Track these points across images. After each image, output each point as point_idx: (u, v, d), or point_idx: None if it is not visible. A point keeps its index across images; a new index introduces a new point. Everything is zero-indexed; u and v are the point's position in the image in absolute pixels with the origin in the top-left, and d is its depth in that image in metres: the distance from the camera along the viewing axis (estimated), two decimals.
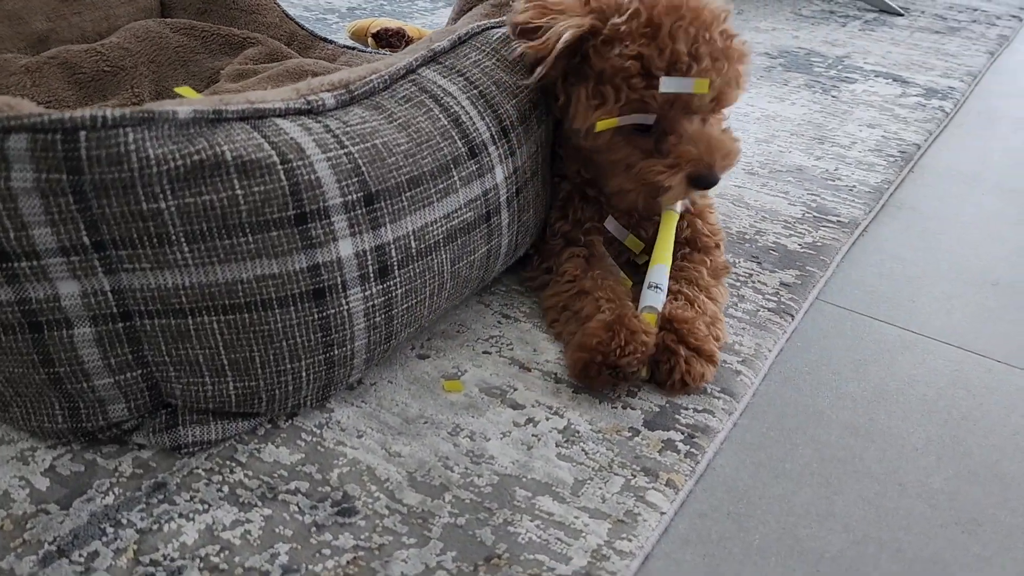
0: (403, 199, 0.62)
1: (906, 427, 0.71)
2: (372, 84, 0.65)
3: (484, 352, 0.75)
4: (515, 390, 0.71)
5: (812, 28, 1.91)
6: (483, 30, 0.77)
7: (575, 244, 0.82)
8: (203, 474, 0.61)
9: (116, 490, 0.59)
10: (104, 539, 0.55)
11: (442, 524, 0.58)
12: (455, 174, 0.66)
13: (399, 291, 0.64)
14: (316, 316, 0.59)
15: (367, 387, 0.70)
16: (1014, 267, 0.97)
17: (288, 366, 0.60)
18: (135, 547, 0.55)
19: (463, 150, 0.67)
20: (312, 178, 0.57)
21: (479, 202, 0.69)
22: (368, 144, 0.61)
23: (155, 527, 0.56)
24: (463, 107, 0.69)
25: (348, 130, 0.61)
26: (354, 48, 1.32)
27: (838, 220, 1.02)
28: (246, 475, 0.61)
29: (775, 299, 0.85)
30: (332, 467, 0.62)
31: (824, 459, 0.67)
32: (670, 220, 0.78)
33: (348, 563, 0.55)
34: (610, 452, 0.65)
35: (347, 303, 0.60)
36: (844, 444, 0.69)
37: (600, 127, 0.73)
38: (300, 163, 0.57)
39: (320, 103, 0.62)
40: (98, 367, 0.57)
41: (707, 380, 0.71)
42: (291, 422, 0.66)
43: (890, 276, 0.94)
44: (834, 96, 1.46)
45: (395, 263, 0.62)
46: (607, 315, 0.71)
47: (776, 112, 1.37)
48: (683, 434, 0.67)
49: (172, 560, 0.54)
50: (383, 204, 0.61)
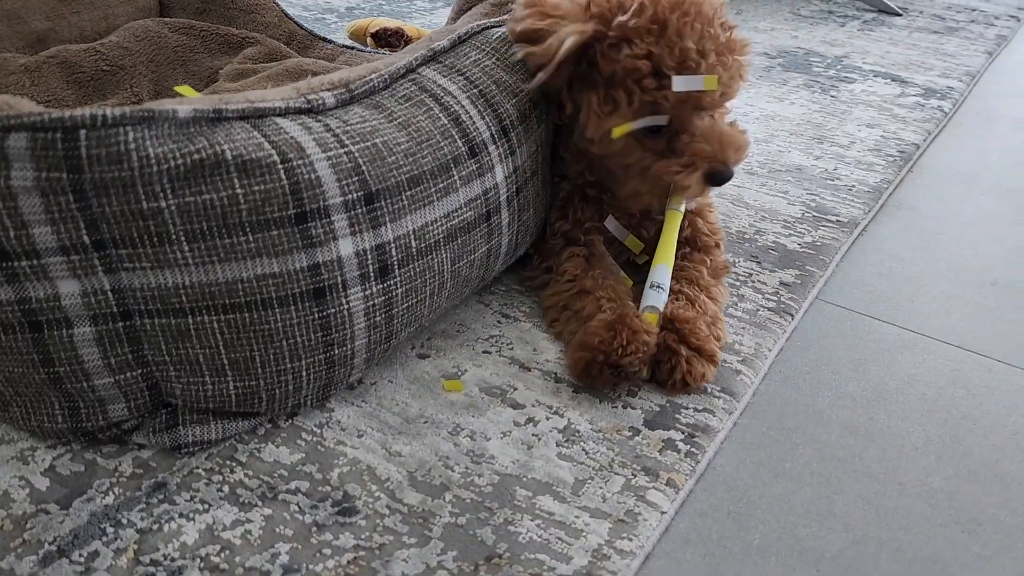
0: (403, 198, 0.62)
1: (906, 426, 0.71)
2: (372, 83, 0.65)
3: (484, 352, 0.75)
4: (515, 390, 0.71)
5: (811, 28, 1.91)
6: (483, 29, 0.77)
7: (575, 244, 0.82)
8: (203, 474, 0.61)
9: (116, 490, 0.59)
10: (104, 539, 0.55)
11: (443, 524, 0.58)
12: (455, 173, 0.66)
13: (399, 290, 0.64)
14: (316, 315, 0.59)
15: (367, 387, 0.70)
16: (1013, 267, 0.97)
17: (288, 365, 0.60)
18: (135, 547, 0.55)
19: (463, 149, 0.67)
20: (312, 177, 0.57)
21: (479, 201, 0.69)
22: (368, 143, 0.61)
23: (155, 527, 0.56)
24: (463, 106, 0.69)
25: (348, 129, 0.61)
26: (353, 48, 1.32)
27: (837, 220, 1.02)
28: (246, 475, 0.61)
29: (775, 299, 0.85)
30: (332, 467, 0.62)
31: (824, 458, 0.67)
32: (674, 220, 0.78)
33: (349, 563, 0.54)
34: (610, 452, 0.65)
35: (347, 302, 0.60)
36: (844, 443, 0.69)
37: (616, 133, 0.72)
38: (300, 162, 0.56)
39: (320, 102, 0.62)
40: (98, 367, 0.57)
41: (708, 380, 0.71)
42: (291, 422, 0.66)
43: (889, 276, 0.94)
44: (833, 96, 1.46)
45: (395, 262, 0.62)
46: (608, 314, 0.71)
47: (775, 112, 1.37)
48: (683, 433, 0.67)
49: (172, 560, 0.54)
50: (383, 203, 0.61)
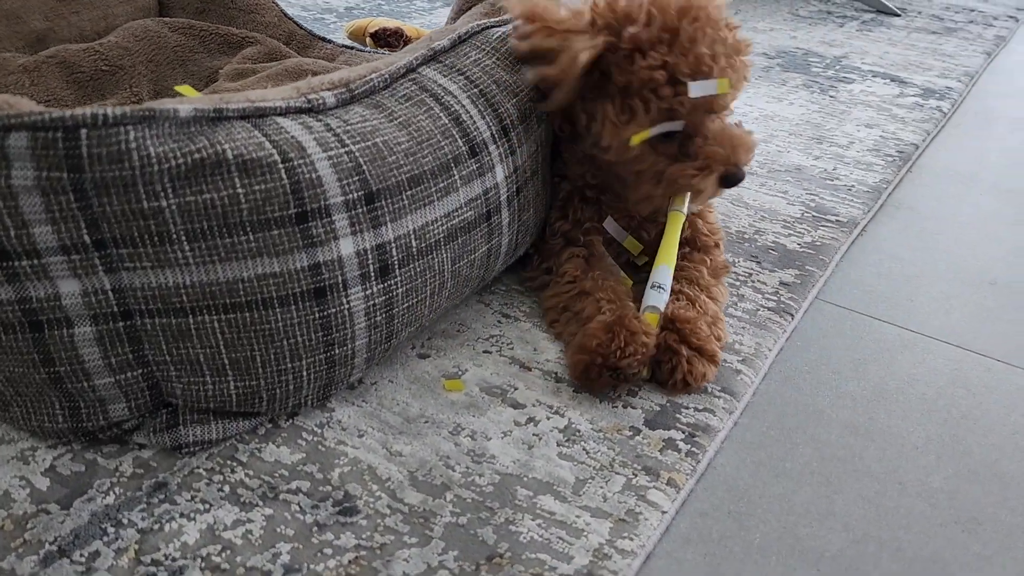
0: (404, 198, 0.62)
1: (906, 426, 0.71)
2: (373, 83, 0.65)
3: (484, 351, 0.75)
4: (516, 389, 0.71)
5: (810, 28, 1.91)
6: (483, 29, 0.77)
7: (575, 244, 0.82)
8: (204, 474, 0.61)
9: (117, 490, 0.59)
10: (105, 539, 0.55)
11: (444, 523, 0.58)
12: (455, 173, 0.66)
13: (400, 290, 0.64)
14: (317, 315, 0.59)
15: (368, 386, 0.70)
16: (1012, 266, 0.98)
17: (289, 365, 0.60)
18: (136, 547, 0.55)
19: (463, 149, 0.67)
20: (313, 177, 0.57)
21: (479, 201, 0.69)
22: (369, 143, 0.61)
23: (156, 527, 0.56)
24: (463, 106, 0.69)
25: (349, 129, 0.61)
26: (352, 48, 1.32)
27: (837, 220, 1.02)
28: (247, 475, 0.61)
29: (775, 298, 0.85)
30: (333, 466, 0.62)
31: (824, 458, 0.67)
32: (676, 221, 0.78)
33: (350, 562, 0.54)
34: (611, 451, 0.65)
35: (348, 302, 0.60)
36: (844, 443, 0.69)
37: (635, 141, 0.72)
38: (301, 162, 0.56)
39: (321, 102, 0.61)
40: (98, 366, 0.57)
41: (709, 380, 0.71)
42: (292, 421, 0.66)
43: (889, 275, 0.94)
44: (832, 96, 1.46)
45: (396, 262, 0.62)
46: (607, 316, 0.70)
47: (774, 112, 1.37)
48: (684, 433, 0.67)
49: (173, 560, 0.54)
50: (384, 203, 0.61)
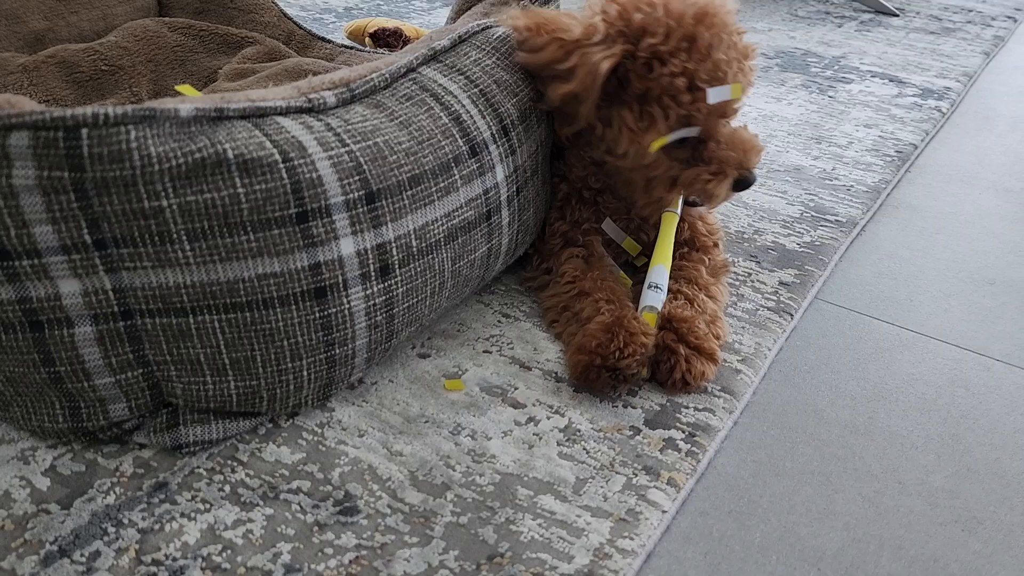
0: (404, 197, 0.62)
1: (905, 425, 0.71)
2: (373, 82, 0.65)
3: (484, 351, 0.75)
4: (516, 389, 0.71)
5: (808, 29, 1.91)
6: (483, 29, 0.77)
7: (574, 244, 0.82)
8: (204, 474, 0.61)
9: (117, 490, 0.59)
10: (106, 539, 0.55)
11: (444, 523, 0.58)
12: (456, 172, 0.66)
13: (400, 290, 0.64)
14: (317, 315, 0.59)
15: (368, 386, 0.70)
16: (1011, 266, 0.98)
17: (289, 365, 0.60)
18: (137, 547, 0.55)
19: (464, 148, 0.67)
20: (313, 176, 0.57)
21: (480, 201, 0.69)
22: (369, 142, 0.61)
23: (157, 527, 0.56)
24: (464, 106, 0.69)
25: (349, 128, 0.61)
26: (352, 48, 1.32)
27: (836, 219, 1.02)
28: (247, 474, 0.61)
29: (774, 298, 0.85)
30: (334, 466, 0.62)
31: (824, 457, 0.67)
32: (670, 221, 0.78)
33: (351, 562, 0.54)
34: (611, 451, 0.65)
35: (348, 302, 0.60)
36: (844, 442, 0.69)
37: (654, 148, 0.73)
38: (301, 161, 0.56)
39: (321, 101, 0.61)
40: (99, 366, 0.57)
41: (708, 379, 0.71)
42: (292, 421, 0.66)
43: (888, 275, 0.94)
44: (831, 96, 1.46)
45: (396, 262, 0.62)
46: (606, 317, 0.71)
47: (773, 112, 1.37)
48: (684, 433, 0.67)
49: (174, 560, 0.54)
50: (384, 202, 0.61)
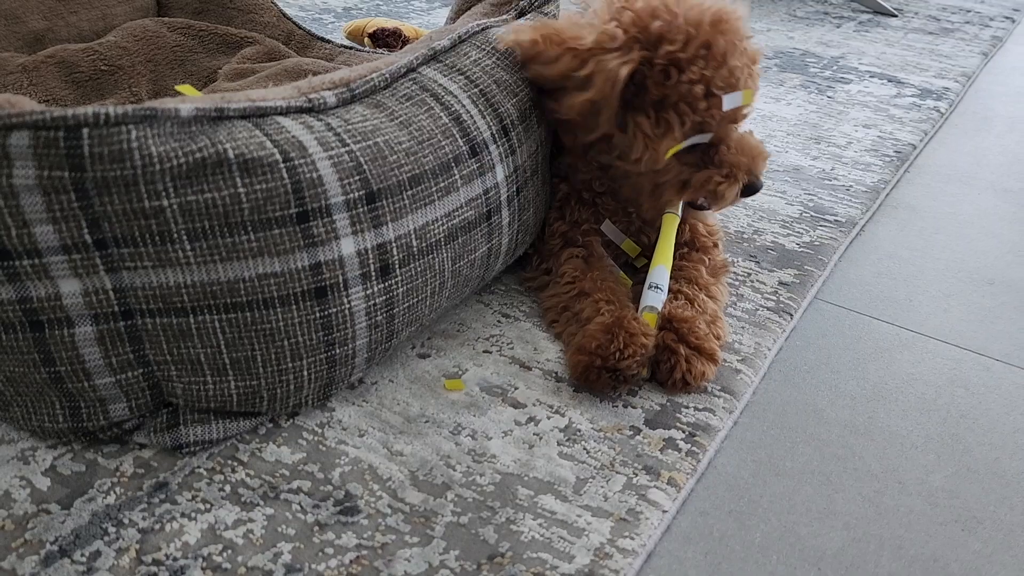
0: (404, 197, 0.62)
1: (905, 425, 0.71)
2: (373, 82, 0.65)
3: (484, 351, 0.75)
4: (516, 389, 0.71)
5: (807, 29, 1.91)
6: (483, 29, 0.77)
7: (573, 245, 0.82)
8: (205, 473, 0.61)
9: (117, 490, 0.59)
10: (106, 539, 0.55)
11: (445, 523, 0.58)
12: (456, 172, 0.66)
13: (400, 290, 0.64)
14: (318, 315, 0.59)
15: (368, 386, 0.70)
16: (1010, 266, 0.98)
17: (289, 365, 0.60)
18: (137, 547, 0.55)
19: (464, 148, 0.67)
20: (314, 176, 0.57)
21: (480, 200, 0.69)
22: (370, 142, 0.61)
23: (157, 527, 0.56)
24: (464, 105, 0.69)
25: (350, 128, 0.61)
26: (351, 48, 1.32)
27: (835, 219, 1.03)
28: (248, 474, 0.61)
29: (774, 298, 0.85)
30: (334, 466, 0.62)
31: (824, 457, 0.67)
32: (671, 222, 0.78)
33: (351, 562, 0.54)
34: (611, 451, 0.65)
35: (348, 302, 0.60)
36: (844, 442, 0.69)
37: (669, 154, 0.73)
38: (302, 161, 0.56)
39: (322, 101, 0.61)
40: (99, 366, 0.57)
41: (708, 379, 0.71)
42: (292, 421, 0.66)
43: (887, 275, 0.94)
44: (830, 96, 1.47)
45: (396, 262, 0.62)
46: (606, 317, 0.71)
47: (772, 112, 1.37)
48: (684, 432, 0.67)
49: (175, 560, 0.54)
50: (385, 202, 0.61)
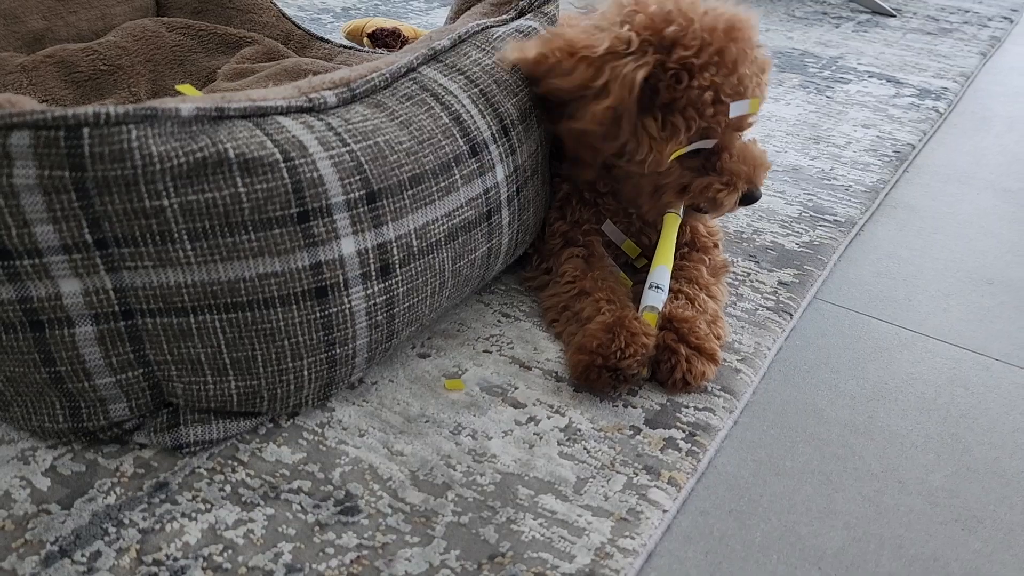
0: (405, 197, 0.62)
1: (905, 425, 0.71)
2: (373, 82, 0.65)
3: (484, 351, 0.75)
4: (516, 389, 0.71)
5: (805, 29, 1.91)
6: (483, 29, 0.77)
7: (574, 244, 0.82)
8: (205, 473, 0.61)
9: (118, 490, 0.59)
10: (106, 539, 0.55)
11: (445, 523, 0.58)
12: (456, 172, 0.66)
13: (400, 289, 0.63)
14: (318, 315, 0.59)
15: (368, 386, 0.70)
16: (1009, 265, 0.98)
17: (290, 365, 0.60)
18: (138, 547, 0.55)
19: (464, 148, 0.67)
20: (314, 176, 0.57)
21: (480, 200, 0.69)
22: (370, 142, 0.61)
23: (157, 527, 0.56)
24: (464, 105, 0.69)
25: (350, 128, 0.61)
26: (350, 48, 1.32)
27: (835, 219, 1.03)
28: (248, 474, 0.61)
29: (773, 298, 0.85)
30: (334, 466, 0.62)
31: (824, 457, 0.67)
32: (672, 223, 0.78)
33: (352, 562, 0.54)
34: (612, 450, 0.65)
35: (349, 302, 0.60)
36: (844, 442, 0.69)
37: (673, 157, 0.73)
38: (302, 161, 0.56)
39: (322, 101, 0.61)
40: (99, 366, 0.57)
41: (708, 378, 0.71)
42: (293, 421, 0.66)
43: (887, 275, 0.95)
44: (828, 96, 1.47)
45: (397, 261, 0.62)
46: (607, 317, 0.71)
47: (771, 112, 1.37)
48: (684, 432, 0.67)
49: (175, 560, 0.54)
50: (385, 202, 0.61)
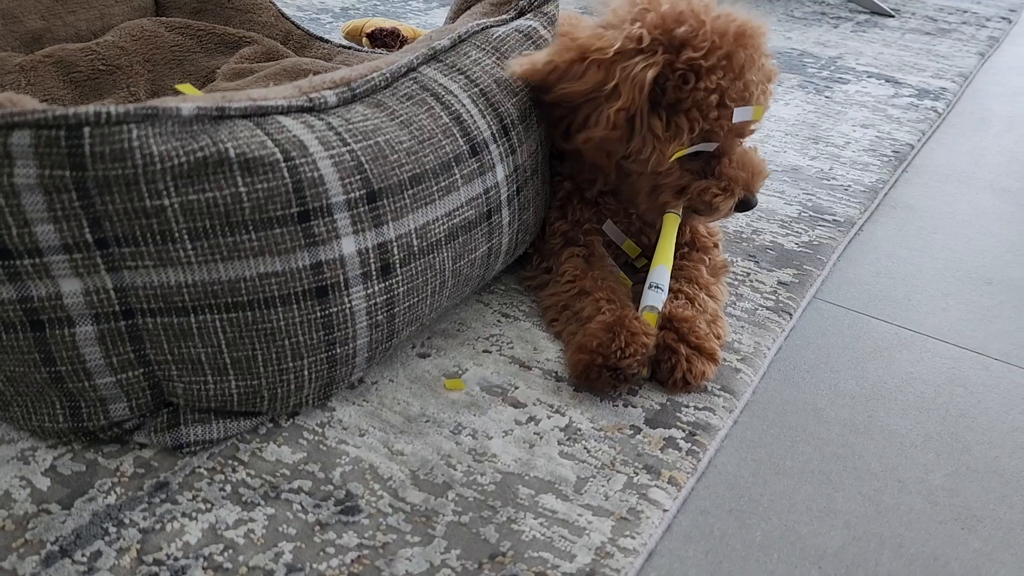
0: (405, 197, 0.62)
1: (905, 424, 0.72)
2: (374, 82, 0.65)
3: (484, 351, 0.75)
4: (516, 388, 0.71)
5: (804, 29, 1.91)
6: (483, 29, 0.77)
7: (574, 244, 0.82)
8: (205, 473, 0.61)
9: (118, 489, 0.59)
10: (107, 539, 0.55)
11: (446, 522, 0.58)
12: (456, 172, 0.66)
13: (401, 289, 0.63)
14: (318, 314, 0.59)
15: (368, 386, 0.70)
16: (1008, 265, 0.98)
17: (290, 364, 0.60)
18: (138, 546, 0.55)
19: (464, 148, 0.67)
20: (315, 175, 0.57)
21: (480, 200, 0.69)
22: (370, 141, 0.61)
23: (158, 526, 0.56)
24: (464, 105, 0.69)
25: (350, 127, 0.61)
26: (350, 48, 1.32)
27: (834, 219, 1.03)
28: (248, 474, 0.61)
29: (773, 298, 0.86)
30: (335, 466, 0.62)
31: (824, 456, 0.67)
32: (672, 222, 0.78)
33: (352, 561, 0.54)
34: (612, 450, 0.65)
35: (349, 301, 0.60)
36: (843, 441, 0.69)
37: (673, 157, 0.73)
38: (303, 160, 0.56)
39: (322, 101, 0.61)
40: (100, 366, 0.57)
41: (708, 378, 0.71)
42: (293, 421, 0.66)
43: (886, 275, 0.95)
44: (827, 96, 1.47)
45: (397, 261, 0.62)
46: (607, 316, 0.71)
47: (770, 112, 1.37)
48: (684, 432, 0.67)
49: (176, 560, 0.54)
50: (385, 201, 0.61)
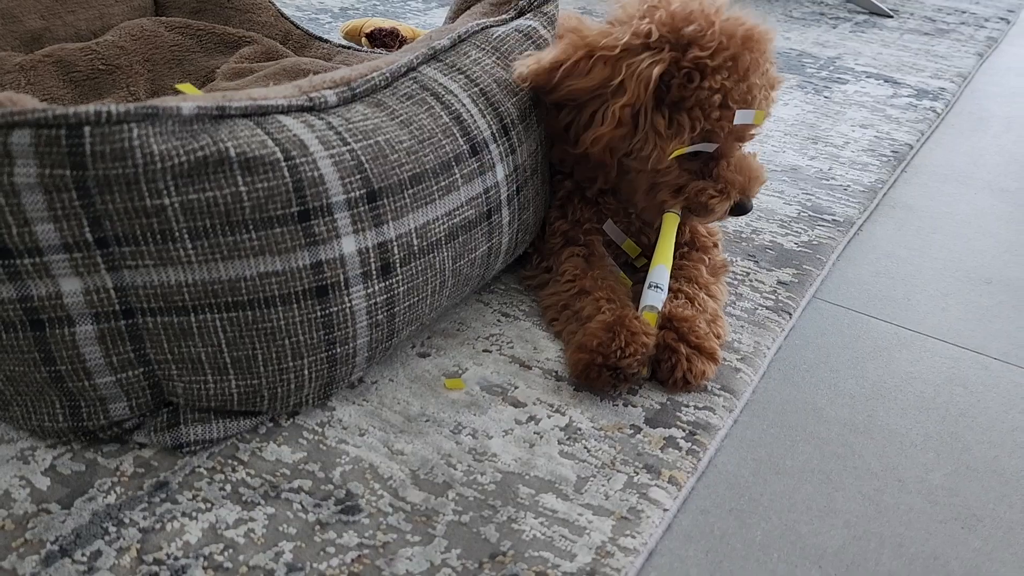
0: (405, 196, 0.62)
1: (904, 424, 0.72)
2: (374, 81, 0.65)
3: (484, 350, 0.75)
4: (516, 388, 0.71)
5: (803, 29, 1.92)
6: (483, 28, 0.77)
7: (575, 243, 0.82)
8: (205, 473, 0.60)
9: (118, 489, 0.59)
10: (107, 538, 0.55)
11: (446, 522, 0.58)
12: (457, 171, 0.66)
13: (401, 289, 0.63)
14: (319, 314, 0.59)
15: (368, 385, 0.70)
16: (1007, 265, 0.98)
17: (290, 364, 0.60)
18: (138, 546, 0.55)
19: (464, 148, 0.67)
20: (315, 175, 0.57)
21: (480, 200, 0.69)
22: (371, 141, 0.61)
23: (158, 526, 0.56)
24: (464, 105, 0.69)
25: (351, 127, 0.61)
26: (349, 48, 1.32)
27: (833, 219, 1.03)
28: (248, 474, 0.61)
29: (772, 297, 0.86)
30: (335, 465, 0.62)
31: (824, 456, 0.67)
32: (671, 222, 0.78)
33: (353, 561, 0.54)
34: (612, 449, 0.65)
35: (349, 301, 0.60)
36: (843, 441, 0.69)
37: (673, 155, 0.74)
38: (303, 160, 0.56)
39: (323, 100, 0.61)
40: (100, 365, 0.57)
41: (708, 378, 0.71)
42: (293, 420, 0.66)
43: (886, 274, 0.95)
44: (826, 97, 1.47)
45: (397, 260, 0.62)
46: (607, 316, 0.71)
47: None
48: (684, 431, 0.67)
49: (176, 559, 0.54)
50: (386, 201, 0.61)
